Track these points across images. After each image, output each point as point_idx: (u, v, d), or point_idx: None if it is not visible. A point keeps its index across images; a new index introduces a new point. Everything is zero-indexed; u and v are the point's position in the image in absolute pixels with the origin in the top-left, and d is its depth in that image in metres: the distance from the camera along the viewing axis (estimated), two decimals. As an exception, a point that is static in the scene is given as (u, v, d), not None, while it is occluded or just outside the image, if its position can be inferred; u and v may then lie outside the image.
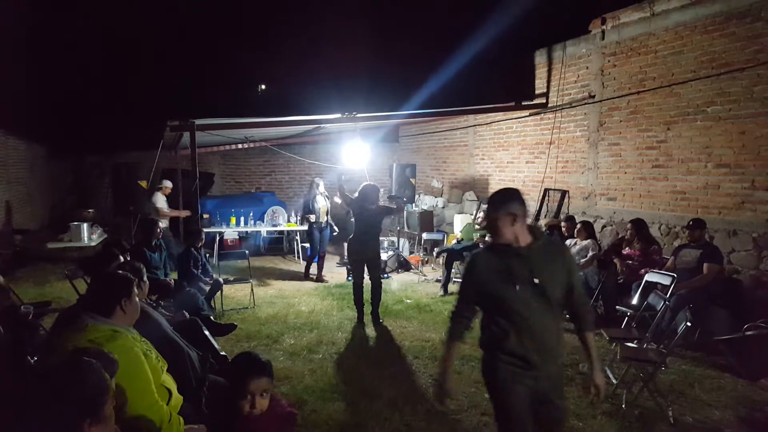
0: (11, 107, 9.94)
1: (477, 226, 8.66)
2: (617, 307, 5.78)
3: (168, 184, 9.05)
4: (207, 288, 6.55)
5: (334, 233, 9.34)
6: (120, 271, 2.99)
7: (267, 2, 14.93)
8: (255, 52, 15.45)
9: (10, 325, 2.92)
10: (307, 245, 9.34)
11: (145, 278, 3.59)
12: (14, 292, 4.92)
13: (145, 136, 9.71)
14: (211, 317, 5.66)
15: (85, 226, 8.69)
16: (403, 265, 9.51)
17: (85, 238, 8.64)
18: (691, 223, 5.82)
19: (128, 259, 4.77)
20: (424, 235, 9.77)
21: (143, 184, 8.90)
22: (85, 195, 12.49)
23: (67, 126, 12.41)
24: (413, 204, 11.16)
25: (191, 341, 3.91)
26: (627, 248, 6.45)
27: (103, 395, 1.76)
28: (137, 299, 2.83)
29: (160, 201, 8.88)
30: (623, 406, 4.04)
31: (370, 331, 6.12)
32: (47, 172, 12.64)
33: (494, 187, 10.85)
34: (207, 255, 7.27)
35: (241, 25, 15.16)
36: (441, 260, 8.70)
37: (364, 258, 6.36)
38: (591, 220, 7.87)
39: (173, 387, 2.77)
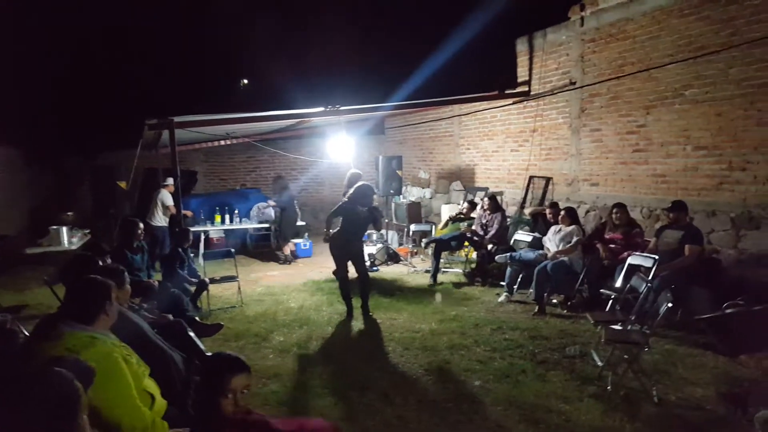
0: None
1: (462, 215, 8.74)
2: (602, 290, 5.87)
3: (171, 181, 9.04)
4: (193, 288, 6.52)
5: None
6: (97, 276, 2.94)
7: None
8: (236, 46, 15.31)
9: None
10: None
11: (126, 282, 3.56)
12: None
13: (123, 136, 9.60)
14: (197, 318, 5.63)
15: (64, 229, 8.54)
16: (392, 258, 9.54)
17: (65, 242, 8.49)
18: (671, 205, 5.90)
19: (108, 261, 4.72)
20: (413, 227, 9.80)
21: (123, 185, 8.81)
22: (65, 198, 12.34)
23: (44, 129, 12.23)
24: (401, 196, 11.19)
25: (176, 344, 3.83)
26: (610, 232, 6.54)
27: (73, 406, 1.71)
28: (116, 303, 2.81)
29: (168, 199, 8.97)
30: (609, 387, 4.11)
31: (360, 324, 6.14)
32: (25, 176, 12.43)
33: (481, 176, 10.92)
34: (192, 255, 7.23)
35: (221, 19, 15.00)
36: (430, 251, 8.74)
37: (346, 255, 6.35)
38: (575, 205, 7.94)
39: (156, 392, 2.75)
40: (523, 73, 9.47)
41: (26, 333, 3.04)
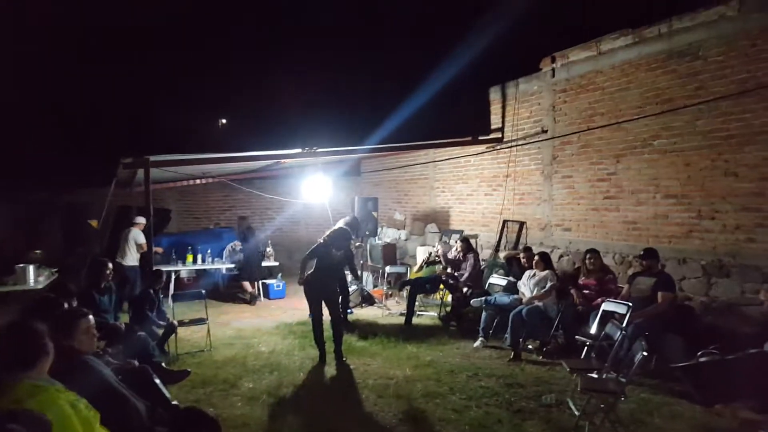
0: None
1: (437, 258, 8.75)
2: (576, 336, 5.87)
3: (142, 220, 8.90)
4: (161, 331, 6.33)
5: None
6: (27, 321, 2.83)
7: (227, 37, 14.97)
8: (215, 86, 15.39)
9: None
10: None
11: (88, 327, 3.41)
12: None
13: (97, 173, 9.43)
14: (163, 363, 5.43)
15: (31, 268, 8.23)
16: (367, 300, 9.43)
17: (32, 281, 8.18)
18: (643, 252, 6.01)
19: (74, 303, 4.56)
20: (388, 269, 9.75)
21: (94, 223, 8.61)
22: (33, 235, 11.97)
23: (13, 162, 11.94)
24: (376, 237, 11.17)
25: (140, 391, 3.71)
26: (583, 278, 6.59)
27: None
28: (51, 346, 2.69)
29: (140, 237, 8.85)
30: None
31: (333, 370, 6.00)
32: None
33: (455, 219, 11.00)
34: (162, 296, 7.05)
35: (201, 59, 15.10)
36: (404, 293, 8.69)
37: (321, 297, 6.28)
38: (548, 250, 8.03)
39: None
40: (496, 120, 9.70)
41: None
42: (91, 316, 3.36)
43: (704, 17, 6.22)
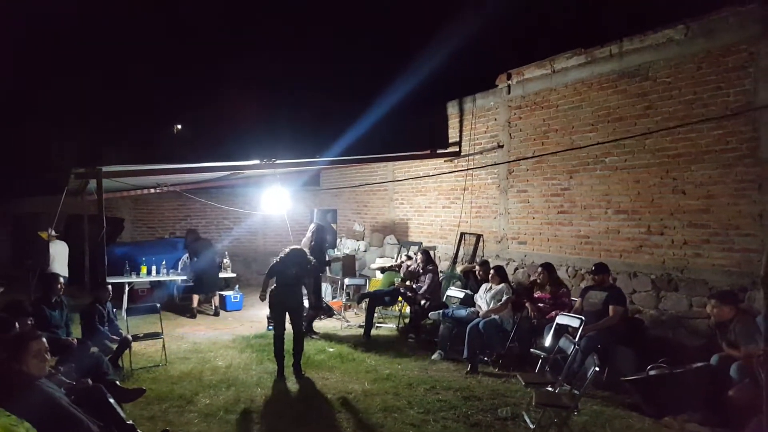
0: None
1: (395, 268, 8.83)
2: (531, 349, 5.99)
3: (52, 232, 8.65)
4: (114, 346, 6.14)
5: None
6: None
7: (183, 45, 14.72)
8: (170, 94, 15.08)
9: None
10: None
11: (45, 350, 3.29)
12: None
13: (47, 181, 9.10)
14: (117, 381, 5.26)
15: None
16: (326, 312, 9.37)
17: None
18: (594, 267, 6.20)
19: (30, 322, 4.41)
20: (347, 281, 9.73)
21: (44, 235, 8.29)
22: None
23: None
24: (335, 249, 11.13)
25: (94, 411, 3.64)
26: (538, 291, 6.75)
27: None
28: None
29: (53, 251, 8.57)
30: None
31: (292, 384, 5.94)
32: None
33: (414, 230, 11.08)
34: (114, 310, 6.83)
35: (157, 66, 14.78)
36: (363, 305, 8.68)
37: (285, 307, 6.28)
38: (504, 263, 8.19)
39: None
40: (453, 135, 9.85)
41: None
42: (43, 339, 3.24)
43: (653, 40, 6.48)
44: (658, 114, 6.44)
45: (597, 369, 3.99)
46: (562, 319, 5.80)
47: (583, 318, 5.58)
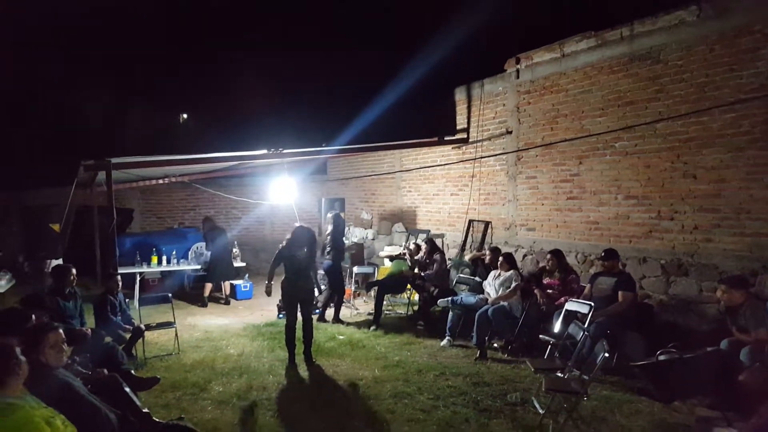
0: None
1: (403, 255, 8.85)
2: (540, 335, 6.00)
3: None
4: (127, 335, 6.22)
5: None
6: (3, 340, 2.79)
7: (189, 34, 14.67)
8: (177, 83, 15.08)
9: None
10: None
11: (63, 341, 3.34)
12: None
13: (56, 173, 9.15)
14: (132, 370, 5.35)
15: (-9, 273, 8.02)
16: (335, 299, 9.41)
17: (-11, 285, 7.95)
18: (604, 253, 6.18)
19: (46, 319, 4.47)
20: (355, 269, 9.75)
21: (55, 227, 8.37)
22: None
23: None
24: (344, 237, 11.14)
25: (110, 400, 3.73)
26: (547, 278, 6.74)
27: None
28: (22, 368, 2.65)
29: None
30: (551, 436, 4.17)
31: (303, 372, 5.99)
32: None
33: (422, 218, 11.08)
34: (127, 300, 6.90)
35: (163, 56, 14.76)
36: (372, 293, 8.72)
37: (298, 296, 6.30)
38: (513, 249, 8.19)
39: None
40: (461, 121, 9.80)
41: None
42: (60, 330, 3.30)
43: (665, 22, 6.40)
44: (670, 98, 6.38)
45: (606, 354, 4.00)
46: (571, 305, 5.81)
47: (593, 304, 5.58)
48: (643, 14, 6.64)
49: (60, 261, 8.06)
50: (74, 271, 6.06)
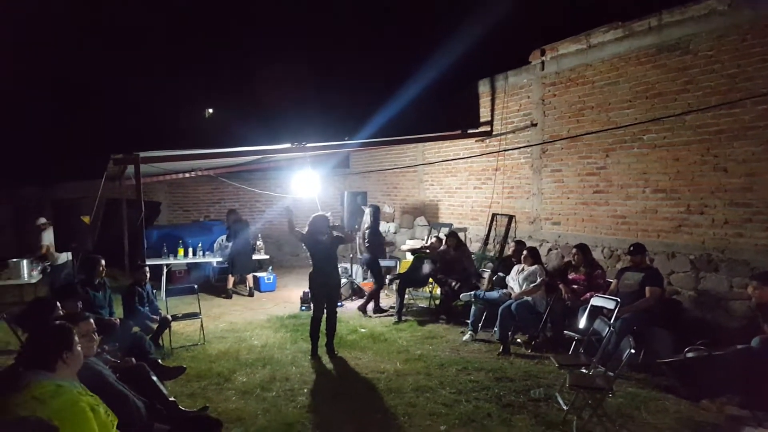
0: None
1: (425, 249, 8.82)
2: (565, 331, 5.93)
3: (43, 220, 8.91)
4: (154, 326, 6.34)
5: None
6: (59, 323, 2.89)
7: (214, 30, 14.83)
8: (202, 79, 15.27)
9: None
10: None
11: (93, 330, 3.43)
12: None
13: (87, 166, 9.37)
14: (159, 360, 5.46)
15: (24, 262, 8.27)
16: (357, 293, 9.47)
17: (25, 276, 8.22)
18: (631, 248, 6.06)
19: (79, 305, 4.61)
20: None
21: (86, 219, 8.57)
22: (23, 230, 11.88)
23: (3, 157, 11.82)
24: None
25: (138, 388, 3.81)
26: (572, 273, 6.65)
27: None
28: (78, 350, 2.73)
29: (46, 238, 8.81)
30: (574, 432, 4.13)
31: (325, 363, 6.04)
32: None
33: (445, 212, 11.03)
34: (154, 291, 7.04)
35: (187, 53, 14.95)
36: (394, 287, 8.72)
37: (326, 290, 6.34)
38: (537, 244, 8.09)
39: None
40: (485, 114, 9.70)
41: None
42: (91, 320, 3.38)
43: (694, 11, 6.22)
44: (699, 89, 6.21)
45: (632, 351, 3.93)
46: (597, 300, 5.72)
47: (619, 299, 5.48)
48: (671, 4, 6.47)
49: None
50: (103, 262, 6.20)
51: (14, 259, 8.26)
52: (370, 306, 8.38)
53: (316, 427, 4.43)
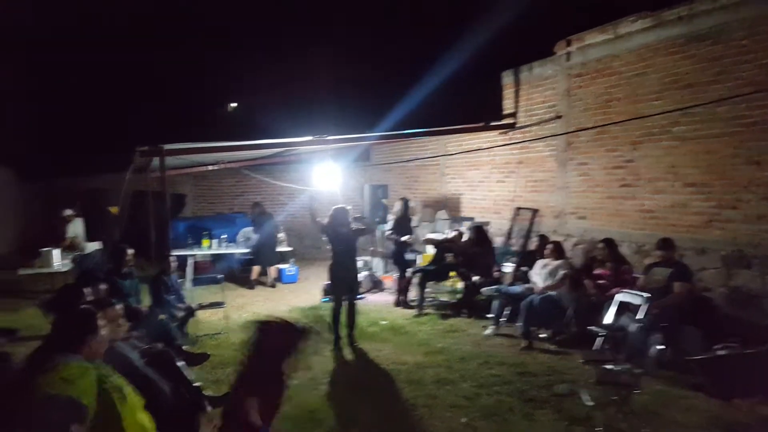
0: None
1: (447, 242, 8.75)
2: (590, 327, 5.83)
3: (69, 211, 9.16)
4: (180, 314, 6.44)
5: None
6: (84, 307, 2.95)
7: (235, 25, 14.92)
8: (224, 74, 15.39)
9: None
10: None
11: (120, 316, 3.49)
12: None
13: (115, 159, 9.54)
14: (184, 347, 5.55)
15: (55, 252, 8.50)
16: (377, 286, 9.47)
17: (56, 264, 8.44)
18: (659, 243, 5.92)
19: (102, 288, 4.70)
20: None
21: (114, 210, 8.74)
22: (55, 220, 12.21)
23: (35, 150, 12.14)
24: (387, 224, 11.13)
25: (164, 373, 3.88)
26: (598, 267, 6.53)
27: None
28: (102, 333, 2.78)
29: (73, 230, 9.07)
30: (598, 429, 4.05)
31: (346, 354, 6.06)
32: (16, 196, 12.31)
33: (467, 206, 10.94)
34: (180, 280, 7.14)
35: (211, 47, 15.07)
36: (415, 280, 8.68)
37: (346, 282, 6.38)
38: (562, 238, 7.97)
39: (150, 425, 2.77)
40: (509, 106, 9.56)
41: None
42: (118, 306, 3.45)
43: (726, 0, 6.05)
44: (731, 80, 6.02)
45: (660, 347, 3.84)
46: (623, 296, 5.60)
47: (646, 295, 5.36)
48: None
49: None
50: (131, 252, 6.33)
51: (45, 249, 8.48)
52: (410, 294, 8.35)
53: (338, 415, 4.46)
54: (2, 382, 2.86)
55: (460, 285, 8.29)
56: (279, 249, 10.37)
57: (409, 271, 8.62)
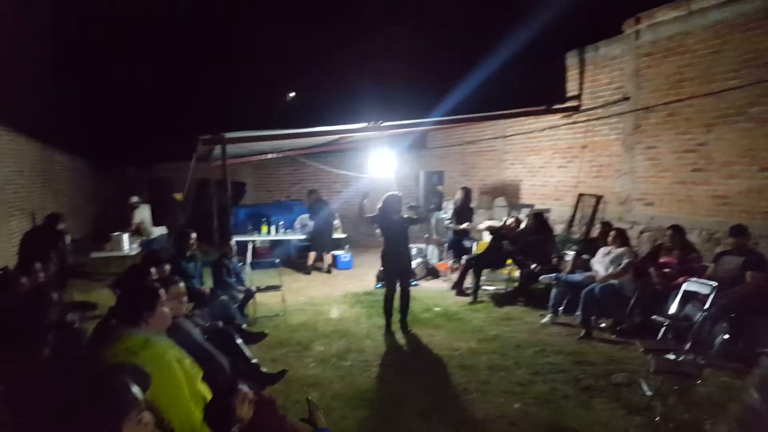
0: (53, 122, 10.36)
1: (503, 229, 8.58)
2: (653, 317, 5.56)
3: (135, 198, 9.61)
4: (240, 296, 6.67)
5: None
6: (145, 284, 3.11)
7: (295, 13, 15.11)
8: (284, 61, 15.65)
9: (57, 337, 3.10)
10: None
11: (183, 294, 3.66)
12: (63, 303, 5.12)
13: (178, 148, 9.97)
14: (243, 326, 5.76)
15: (125, 236, 9.03)
16: (432, 273, 9.43)
17: (126, 248, 8.96)
18: (731, 230, 5.57)
19: (167, 270, 4.94)
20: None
21: (178, 197, 9.14)
22: (125, 207, 12.92)
23: (106, 140, 12.83)
24: (442, 210, 11.06)
25: (223, 349, 4.04)
26: (665, 255, 6.22)
27: (129, 409, 1.86)
28: (164, 309, 2.91)
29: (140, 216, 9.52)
30: (657, 419, 3.89)
31: (399, 339, 6.08)
32: (90, 184, 13.12)
33: (526, 192, 10.69)
34: (241, 264, 7.39)
35: (271, 36, 15.37)
36: (471, 268, 8.57)
37: (398, 268, 6.39)
38: (627, 226, 7.65)
39: (209, 395, 2.87)
40: (573, 88, 9.24)
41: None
42: (181, 284, 3.61)
43: (814, -32, 5.58)
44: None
45: (726, 337, 3.62)
46: (690, 285, 5.30)
47: (715, 284, 5.06)
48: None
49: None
50: (194, 236, 6.63)
51: (116, 233, 9.00)
52: (467, 282, 8.28)
53: (389, 397, 4.49)
54: (75, 355, 3.05)
55: (516, 273, 8.13)
56: (334, 236, 10.51)
57: (464, 259, 8.53)
